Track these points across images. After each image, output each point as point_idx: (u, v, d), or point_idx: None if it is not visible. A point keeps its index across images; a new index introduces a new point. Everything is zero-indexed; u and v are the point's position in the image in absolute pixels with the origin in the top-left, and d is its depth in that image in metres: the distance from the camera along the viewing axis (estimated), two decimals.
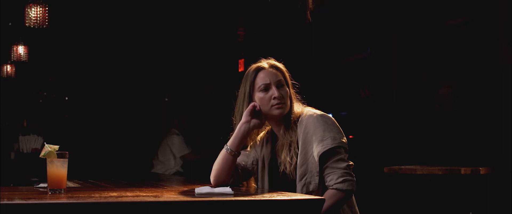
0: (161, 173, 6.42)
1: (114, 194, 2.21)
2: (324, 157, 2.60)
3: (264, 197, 2.26)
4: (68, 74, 7.83)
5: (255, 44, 6.98)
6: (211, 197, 2.17)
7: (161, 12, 7.09)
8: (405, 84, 5.67)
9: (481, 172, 4.30)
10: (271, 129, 2.85)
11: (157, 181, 3.31)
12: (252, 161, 2.85)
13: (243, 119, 2.69)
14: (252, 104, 2.69)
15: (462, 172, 4.32)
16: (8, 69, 7.04)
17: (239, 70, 7.41)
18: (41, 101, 8.00)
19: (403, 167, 4.65)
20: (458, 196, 4.66)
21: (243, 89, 2.73)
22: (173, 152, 6.77)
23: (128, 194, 2.22)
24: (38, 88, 7.70)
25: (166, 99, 8.34)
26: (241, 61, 7.42)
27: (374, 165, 5.23)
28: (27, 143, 7.17)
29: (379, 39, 5.88)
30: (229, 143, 2.71)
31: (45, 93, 8.03)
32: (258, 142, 2.86)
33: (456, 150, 5.12)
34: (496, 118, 4.87)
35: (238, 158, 2.79)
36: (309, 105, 2.83)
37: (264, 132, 2.90)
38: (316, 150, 2.59)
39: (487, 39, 4.95)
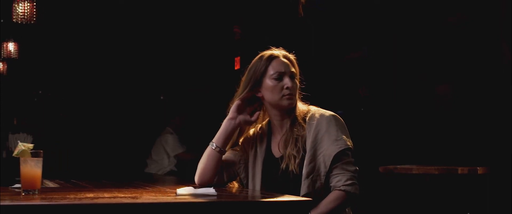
0: (154, 173, 6.33)
1: (91, 195, 2.11)
2: (334, 158, 2.55)
3: (250, 198, 2.17)
4: (60, 71, 7.75)
5: (251, 42, 6.90)
6: (192, 198, 2.07)
7: (155, 9, 7.02)
8: (405, 84, 5.60)
9: (479, 172, 4.21)
10: (267, 125, 2.75)
11: (144, 182, 3.21)
12: (240, 160, 2.74)
13: (230, 115, 2.61)
14: (237, 102, 2.61)
15: (459, 171, 4.23)
16: (0, 67, 6.97)
17: (235, 68, 7.33)
18: (36, 99, 7.92)
19: (398, 166, 4.56)
20: (455, 196, 4.60)
21: (251, 75, 2.64)
22: (167, 151, 6.69)
23: (105, 195, 2.12)
24: (30, 85, 7.62)
25: (162, 98, 8.25)
26: (237, 59, 7.33)
27: (369, 164, 5.16)
28: (16, 141, 7.07)
29: (378, 38, 5.81)
30: (214, 139, 2.62)
31: (40, 92, 7.95)
32: (249, 138, 2.76)
33: (454, 150, 5.05)
34: (495, 117, 4.80)
35: (225, 156, 2.70)
36: (307, 103, 2.75)
37: (256, 128, 2.79)
38: (330, 149, 2.54)
39: (487, 39, 4.89)
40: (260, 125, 2.78)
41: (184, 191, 2.20)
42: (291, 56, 2.71)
